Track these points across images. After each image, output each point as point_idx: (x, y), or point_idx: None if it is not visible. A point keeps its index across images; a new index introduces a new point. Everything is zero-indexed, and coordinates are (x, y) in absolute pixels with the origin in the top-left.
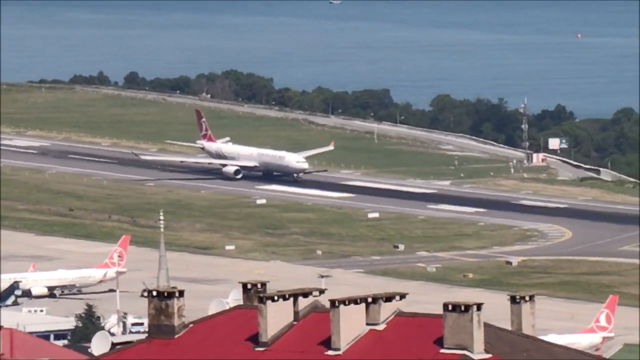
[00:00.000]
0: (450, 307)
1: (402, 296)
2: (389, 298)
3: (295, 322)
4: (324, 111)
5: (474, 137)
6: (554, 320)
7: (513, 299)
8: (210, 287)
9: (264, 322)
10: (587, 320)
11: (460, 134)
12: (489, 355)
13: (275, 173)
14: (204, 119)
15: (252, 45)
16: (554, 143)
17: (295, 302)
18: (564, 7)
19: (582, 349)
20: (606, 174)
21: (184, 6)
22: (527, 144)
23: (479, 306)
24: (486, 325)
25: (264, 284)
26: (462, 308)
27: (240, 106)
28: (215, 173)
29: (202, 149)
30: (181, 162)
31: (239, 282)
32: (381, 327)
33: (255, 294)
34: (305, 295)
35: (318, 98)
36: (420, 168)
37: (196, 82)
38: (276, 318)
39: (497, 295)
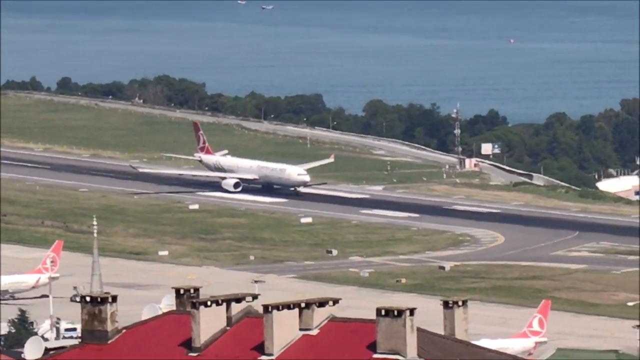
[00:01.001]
0: (383, 312)
1: (335, 301)
2: (322, 303)
3: (228, 328)
4: (257, 116)
5: (407, 142)
6: (486, 325)
7: (446, 304)
8: (143, 293)
9: (197, 327)
10: (519, 325)
11: (393, 139)
12: None
13: (275, 186)
14: (201, 132)
15: (185, 51)
16: (486, 148)
17: (228, 308)
18: (497, 12)
19: (514, 353)
20: (539, 179)
21: (117, 11)
22: (460, 149)
23: (412, 311)
24: (419, 330)
25: (196, 289)
26: (395, 313)
27: (172, 111)
28: (214, 186)
29: (200, 161)
30: (179, 175)
31: (172, 288)
32: (314, 332)
33: (188, 299)
34: (238, 300)
35: (251, 103)
36: (353, 173)
37: (129, 88)
38: (209, 323)
39: (430, 300)
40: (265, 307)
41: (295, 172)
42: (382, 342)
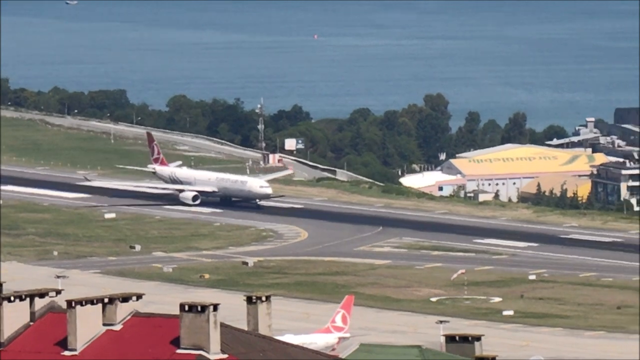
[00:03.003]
0: (186, 308)
1: (139, 296)
2: (125, 298)
3: (31, 323)
4: (60, 112)
5: (210, 138)
6: (290, 321)
7: (249, 300)
8: None
9: (0, 322)
10: (323, 321)
11: (197, 135)
12: (225, 356)
13: (233, 199)
14: (155, 142)
15: None
16: (290, 143)
17: (31, 303)
18: (300, 9)
19: (318, 349)
20: (342, 175)
21: None
22: (264, 144)
23: (215, 307)
24: (222, 325)
25: (0, 285)
26: (199, 308)
27: None
28: (170, 199)
29: (154, 173)
30: (135, 187)
31: None
32: (118, 327)
33: None
34: (42, 295)
35: (54, 98)
36: None
37: None
38: (12, 319)
39: (233, 295)
40: (69, 302)
41: (258, 185)
42: (186, 338)
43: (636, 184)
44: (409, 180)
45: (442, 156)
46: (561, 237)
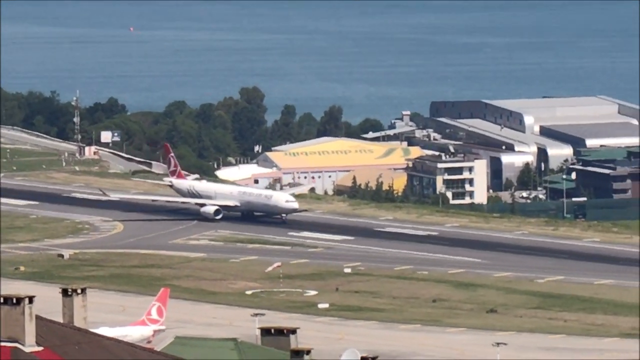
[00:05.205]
0: (1, 300)
1: None
2: None
3: None
4: None
5: (26, 130)
6: (106, 313)
7: (65, 292)
8: None
9: None
10: (138, 313)
11: (12, 127)
12: (40, 348)
13: (256, 213)
14: (172, 154)
15: None
16: (106, 136)
17: None
18: (116, 1)
19: (133, 341)
20: (158, 167)
21: None
22: (79, 137)
23: (31, 299)
24: (38, 318)
25: None
26: (14, 301)
27: None
28: (190, 213)
29: (171, 186)
30: (152, 201)
31: None
32: None
33: None
34: None
35: None
36: None
37: None
38: None
39: (49, 288)
40: None
41: (283, 199)
42: (1, 330)
43: (452, 177)
44: (225, 173)
45: (258, 149)
46: (377, 230)
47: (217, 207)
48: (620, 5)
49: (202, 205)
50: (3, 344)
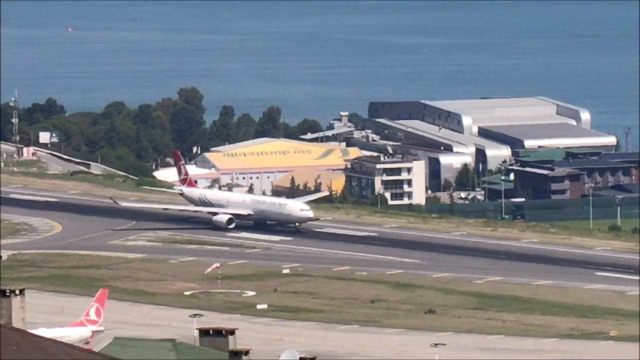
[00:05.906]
0: None
1: None
2: None
3: None
4: None
5: None
6: (44, 314)
7: (3, 293)
8: None
9: None
10: (77, 314)
11: None
12: None
13: (269, 222)
14: (182, 162)
15: None
16: (44, 137)
17: None
18: (54, 2)
19: (71, 342)
20: (96, 168)
21: None
22: (18, 137)
23: None
24: None
25: None
26: None
27: None
28: (201, 222)
29: (181, 194)
30: (164, 209)
31: None
32: None
33: None
34: None
35: None
36: None
37: None
38: None
39: None
40: None
41: (298, 208)
42: None
43: (390, 178)
44: (163, 174)
45: (197, 150)
46: (315, 230)
47: (229, 216)
48: (557, 6)
49: (215, 214)
50: None
